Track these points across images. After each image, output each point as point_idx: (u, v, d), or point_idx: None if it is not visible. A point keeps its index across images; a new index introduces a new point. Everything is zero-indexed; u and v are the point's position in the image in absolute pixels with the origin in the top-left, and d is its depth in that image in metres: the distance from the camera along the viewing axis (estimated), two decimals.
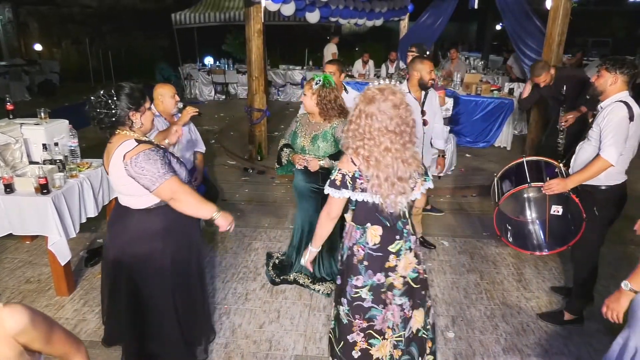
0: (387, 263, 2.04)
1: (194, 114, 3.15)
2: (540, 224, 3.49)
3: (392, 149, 1.85)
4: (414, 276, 2.11)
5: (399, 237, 2.04)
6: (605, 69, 2.60)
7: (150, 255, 2.15)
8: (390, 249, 2.04)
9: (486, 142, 7.12)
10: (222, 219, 2.17)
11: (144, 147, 2.01)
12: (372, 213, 1.98)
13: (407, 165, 1.88)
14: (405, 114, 1.86)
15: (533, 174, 3.12)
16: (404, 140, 1.86)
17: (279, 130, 7.68)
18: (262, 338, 2.86)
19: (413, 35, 8.69)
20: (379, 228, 2.02)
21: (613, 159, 2.53)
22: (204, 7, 11.38)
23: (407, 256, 2.07)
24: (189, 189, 2.10)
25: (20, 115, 3.93)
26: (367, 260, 2.06)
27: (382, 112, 1.82)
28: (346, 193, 1.95)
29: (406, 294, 2.11)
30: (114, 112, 2.01)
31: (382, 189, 1.88)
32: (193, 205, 2.10)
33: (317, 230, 2.17)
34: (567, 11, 5.40)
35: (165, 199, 2.06)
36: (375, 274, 2.05)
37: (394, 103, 1.83)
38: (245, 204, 5.03)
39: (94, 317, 3.01)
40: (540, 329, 2.99)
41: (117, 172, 2.03)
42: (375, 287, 2.07)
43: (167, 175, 2.00)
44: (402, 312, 2.13)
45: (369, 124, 1.84)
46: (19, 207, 3.01)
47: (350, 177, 1.93)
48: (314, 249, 2.23)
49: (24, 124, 3.53)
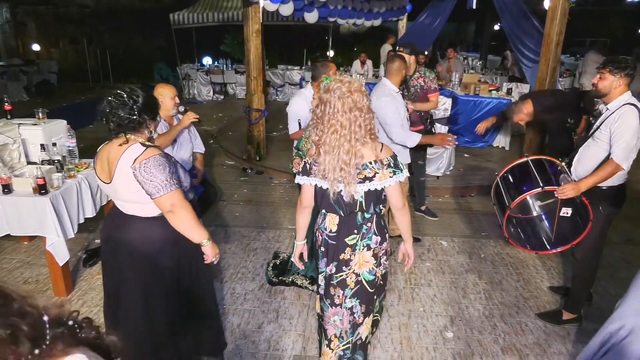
0: (342, 255, 2.05)
1: (195, 120, 3.13)
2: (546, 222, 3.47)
3: (341, 133, 1.86)
4: (370, 278, 2.09)
5: (356, 232, 2.04)
6: (609, 71, 2.60)
7: (157, 264, 2.09)
8: (347, 240, 2.05)
9: (485, 142, 7.13)
10: (209, 248, 2.14)
11: (154, 152, 1.95)
12: (327, 200, 2.00)
13: (355, 150, 1.87)
14: (358, 98, 1.87)
15: (541, 175, 3.08)
16: (354, 126, 1.87)
17: (277, 130, 7.68)
18: (260, 338, 2.85)
19: (411, 35, 8.69)
20: (336, 217, 2.04)
21: (625, 163, 2.56)
22: (202, 7, 11.38)
23: (364, 254, 2.06)
24: (189, 206, 2.05)
25: (18, 115, 3.92)
26: (324, 246, 2.10)
27: (335, 97, 1.86)
28: (304, 179, 2.02)
29: (358, 296, 2.09)
30: (135, 119, 1.96)
31: (327, 173, 1.90)
32: (188, 224, 2.05)
33: (296, 221, 2.23)
34: (565, 11, 5.41)
35: (164, 210, 1.99)
36: (329, 264, 2.09)
37: (348, 89, 1.87)
38: (244, 204, 5.03)
39: (92, 318, 3.00)
40: (539, 328, 2.99)
41: (124, 179, 1.94)
42: (327, 278, 2.11)
43: (173, 187, 1.95)
44: (352, 316, 2.13)
45: (323, 110, 1.89)
46: (17, 208, 3.01)
47: (309, 163, 2.00)
48: (297, 242, 2.28)
49: (21, 124, 3.52)
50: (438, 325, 3.01)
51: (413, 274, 3.61)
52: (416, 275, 3.60)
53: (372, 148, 1.92)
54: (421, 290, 3.41)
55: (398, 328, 2.97)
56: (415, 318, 3.07)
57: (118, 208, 2.10)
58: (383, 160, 1.93)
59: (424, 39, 8.47)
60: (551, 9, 5.49)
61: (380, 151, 1.94)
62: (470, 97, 7.04)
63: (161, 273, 2.13)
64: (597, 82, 2.67)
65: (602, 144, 2.66)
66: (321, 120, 1.91)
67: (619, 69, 2.57)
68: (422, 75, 4.23)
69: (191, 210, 2.06)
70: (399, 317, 3.07)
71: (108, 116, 1.95)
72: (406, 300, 3.27)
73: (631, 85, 2.64)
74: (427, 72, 4.28)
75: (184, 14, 11.07)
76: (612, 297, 3.28)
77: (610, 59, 2.64)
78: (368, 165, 1.91)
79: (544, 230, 3.36)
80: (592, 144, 2.73)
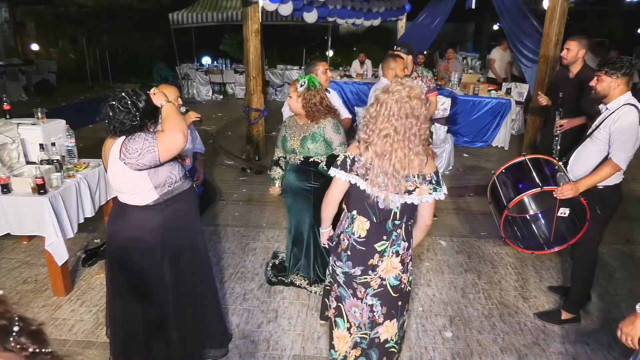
0: (371, 260, 2.00)
1: (196, 119, 3.14)
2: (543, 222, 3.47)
3: (395, 138, 1.80)
4: (395, 283, 2.04)
5: (386, 238, 1.98)
6: (605, 73, 2.60)
7: (151, 251, 2.15)
8: (376, 246, 1.99)
9: (484, 141, 7.14)
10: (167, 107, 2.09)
11: (128, 136, 2.02)
12: (362, 202, 1.94)
13: (408, 160, 1.82)
14: (416, 105, 1.80)
15: (538, 174, 3.08)
16: (409, 133, 1.80)
17: (276, 130, 7.67)
18: (260, 338, 2.85)
19: (411, 35, 8.69)
20: (366, 222, 1.98)
21: (623, 163, 2.56)
22: (201, 7, 11.37)
23: (392, 259, 2.01)
24: (171, 131, 2.00)
25: (17, 115, 3.91)
26: (350, 250, 2.03)
27: (392, 100, 1.80)
28: (342, 174, 1.94)
29: (379, 296, 2.05)
30: (136, 123, 2.02)
31: (374, 176, 1.84)
32: (174, 127, 2.01)
33: (322, 212, 2.17)
34: (564, 11, 5.42)
35: (171, 139, 1.98)
36: (354, 267, 2.03)
37: (408, 94, 1.80)
38: (243, 204, 5.03)
39: (91, 318, 3.00)
40: (538, 328, 3.00)
41: (114, 169, 2.04)
42: (350, 276, 2.05)
43: (155, 148, 1.97)
44: (372, 314, 2.08)
45: (378, 110, 1.83)
46: (15, 207, 3.00)
47: (351, 159, 1.92)
48: (323, 230, 2.25)
49: (21, 124, 3.51)
50: (437, 324, 3.01)
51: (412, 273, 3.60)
52: (415, 275, 3.60)
53: (420, 161, 1.86)
54: (420, 290, 3.41)
55: None
56: (415, 318, 3.07)
57: (117, 197, 2.21)
58: (426, 175, 1.89)
59: (423, 39, 8.47)
60: (550, 9, 5.50)
61: (425, 165, 1.88)
62: (469, 97, 7.05)
63: (157, 261, 2.17)
64: (595, 85, 2.67)
65: (601, 143, 2.66)
66: (374, 119, 1.84)
67: (615, 69, 2.57)
68: (419, 75, 4.27)
69: (172, 128, 2.01)
70: None
71: (111, 120, 2.01)
72: None
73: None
74: (425, 72, 4.32)
75: (183, 14, 11.06)
76: (610, 296, 3.29)
77: (606, 61, 2.64)
78: (411, 178, 1.86)
79: (541, 229, 3.36)
80: (590, 144, 2.73)
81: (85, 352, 2.69)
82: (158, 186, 2.10)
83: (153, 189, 2.09)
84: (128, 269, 2.17)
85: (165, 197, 2.13)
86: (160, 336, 2.28)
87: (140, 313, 2.23)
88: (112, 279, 2.28)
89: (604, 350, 2.77)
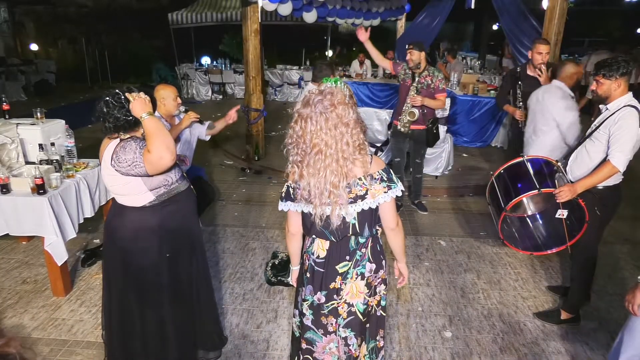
0: (333, 284, 1.84)
1: (195, 119, 3.14)
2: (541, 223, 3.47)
3: (327, 153, 1.66)
4: (362, 308, 1.88)
5: (348, 258, 1.83)
6: (603, 76, 2.59)
7: (147, 251, 2.14)
8: (338, 268, 1.84)
9: (483, 141, 7.14)
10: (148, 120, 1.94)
11: (122, 142, 1.99)
12: (314, 225, 1.80)
13: (345, 170, 1.68)
14: (343, 112, 1.66)
15: (537, 175, 3.07)
16: (341, 144, 1.66)
17: (276, 130, 7.69)
18: (259, 338, 2.85)
19: (410, 35, 8.70)
20: (326, 242, 1.84)
21: (622, 165, 2.56)
22: (200, 7, 11.38)
23: (357, 283, 1.85)
24: (155, 136, 1.90)
25: (16, 115, 3.91)
26: (309, 272, 1.90)
27: (317, 113, 1.65)
28: (290, 205, 1.83)
29: (351, 327, 1.89)
30: (131, 119, 2.00)
31: (312, 197, 1.71)
32: (157, 135, 1.91)
33: (287, 248, 2.05)
34: (563, 11, 5.42)
35: (158, 160, 1.90)
36: (316, 293, 1.87)
37: (331, 102, 1.66)
38: (243, 204, 5.03)
39: (90, 318, 3.00)
40: (537, 328, 3.00)
41: (107, 172, 2.04)
42: (316, 307, 1.88)
43: (141, 164, 1.94)
44: (347, 347, 1.91)
45: (304, 127, 1.67)
46: (15, 208, 3.00)
47: (292, 188, 1.81)
48: (293, 267, 2.09)
49: (20, 124, 3.51)
50: (437, 324, 3.01)
51: (412, 273, 3.61)
52: (415, 275, 3.60)
53: (362, 163, 1.72)
54: (420, 289, 3.41)
55: (397, 328, 2.97)
56: (414, 318, 3.07)
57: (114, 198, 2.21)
58: (374, 174, 1.74)
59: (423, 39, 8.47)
60: (549, 9, 5.50)
61: (370, 164, 1.74)
62: (468, 96, 7.05)
63: (154, 262, 2.16)
64: (596, 89, 2.66)
65: (600, 144, 2.65)
66: (302, 139, 1.68)
67: (612, 71, 2.56)
68: (430, 74, 4.35)
69: (155, 134, 1.90)
70: (397, 317, 3.08)
71: (105, 116, 2.00)
72: (405, 299, 3.28)
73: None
74: (437, 72, 4.40)
75: (182, 14, 11.06)
76: (610, 296, 3.29)
77: (601, 64, 2.62)
78: (358, 182, 1.72)
79: (539, 230, 3.36)
80: (590, 144, 2.73)
81: (84, 352, 2.69)
82: (153, 189, 2.08)
83: (148, 191, 2.08)
84: (125, 269, 2.16)
85: (161, 199, 2.12)
86: (156, 337, 2.27)
87: (137, 313, 2.22)
88: (109, 279, 2.27)
89: (603, 350, 2.77)
